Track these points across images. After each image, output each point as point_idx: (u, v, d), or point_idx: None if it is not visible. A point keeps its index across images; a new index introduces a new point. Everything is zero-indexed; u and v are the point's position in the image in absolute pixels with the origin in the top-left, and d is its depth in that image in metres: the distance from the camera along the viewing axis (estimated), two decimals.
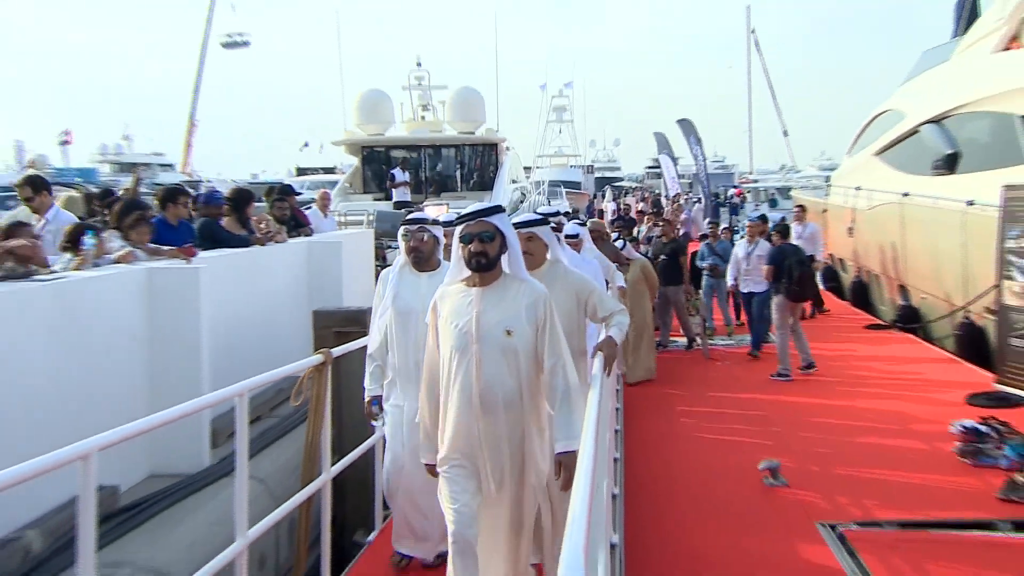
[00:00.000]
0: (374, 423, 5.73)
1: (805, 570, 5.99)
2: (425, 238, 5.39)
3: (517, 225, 4.84)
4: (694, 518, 6.93)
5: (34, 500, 4.79)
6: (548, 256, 5.11)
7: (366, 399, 5.47)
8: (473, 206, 4.24)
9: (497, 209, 4.20)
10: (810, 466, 8.04)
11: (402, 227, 5.54)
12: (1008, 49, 14.49)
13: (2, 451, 3.65)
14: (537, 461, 4.19)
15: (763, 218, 14.14)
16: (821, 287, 16.99)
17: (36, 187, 8.00)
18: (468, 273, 4.15)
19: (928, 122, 15.66)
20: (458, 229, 4.13)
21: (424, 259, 5.41)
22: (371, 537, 6.25)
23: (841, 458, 8.33)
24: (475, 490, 4.14)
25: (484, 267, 4.03)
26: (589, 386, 4.45)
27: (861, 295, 18.42)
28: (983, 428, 8.42)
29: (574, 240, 7.71)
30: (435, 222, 5.64)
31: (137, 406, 5.64)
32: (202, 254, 7.22)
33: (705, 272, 14.79)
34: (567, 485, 3.67)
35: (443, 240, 5.55)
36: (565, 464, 3.94)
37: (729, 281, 13.42)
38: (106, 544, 4.50)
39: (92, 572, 3.14)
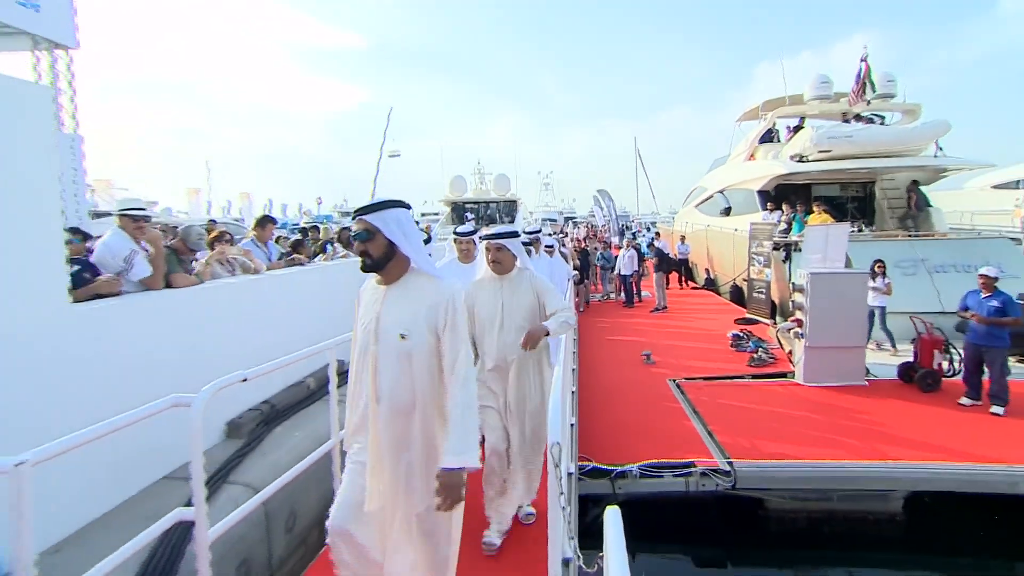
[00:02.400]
0: None
1: (662, 401, 5.97)
2: None
3: (490, 236, 2.90)
4: (612, 380, 6.90)
5: (311, 364, 4.84)
6: (518, 264, 2.92)
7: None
8: (365, 203, 1.98)
9: (380, 206, 1.94)
10: (665, 351, 7.98)
11: None
12: (750, 160, 14.46)
13: (299, 341, 3.69)
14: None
15: (634, 235, 14.06)
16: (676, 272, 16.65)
17: (263, 224, 5.60)
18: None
19: (717, 192, 15.39)
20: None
21: None
22: None
23: (678, 348, 8.27)
24: (363, 487, 1.92)
25: (370, 268, 1.97)
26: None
27: (688, 274, 18.15)
28: (741, 334, 8.41)
29: (549, 248, 5.76)
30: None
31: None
32: None
33: (608, 265, 14.59)
34: (443, 508, 1.79)
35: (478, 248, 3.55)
36: (445, 483, 1.78)
37: (616, 270, 13.19)
38: (341, 385, 4.54)
39: (335, 398, 3.12)
